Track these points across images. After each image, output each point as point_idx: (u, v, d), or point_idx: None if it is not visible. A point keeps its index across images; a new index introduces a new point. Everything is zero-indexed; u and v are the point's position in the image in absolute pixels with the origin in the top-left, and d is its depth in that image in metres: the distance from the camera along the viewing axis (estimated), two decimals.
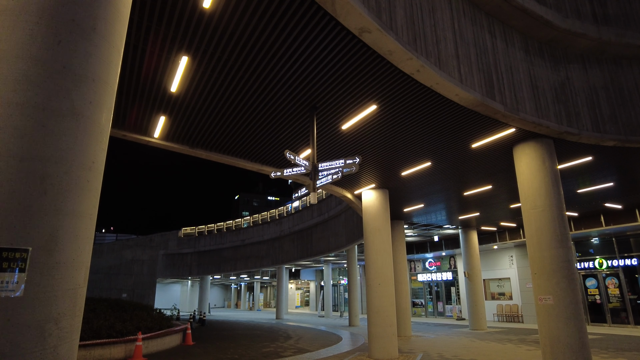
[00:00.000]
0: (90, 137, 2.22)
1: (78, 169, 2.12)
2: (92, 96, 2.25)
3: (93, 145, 2.25)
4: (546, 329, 7.29)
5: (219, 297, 59.11)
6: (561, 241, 7.52)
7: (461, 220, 17.09)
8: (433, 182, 11.23)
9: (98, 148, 2.29)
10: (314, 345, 13.37)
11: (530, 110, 7.52)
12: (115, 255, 32.38)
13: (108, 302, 12.53)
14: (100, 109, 2.31)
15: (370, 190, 11.55)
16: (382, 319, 10.49)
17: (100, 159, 2.33)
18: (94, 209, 2.27)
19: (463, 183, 11.36)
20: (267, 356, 10.97)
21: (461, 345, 12.64)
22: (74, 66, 2.19)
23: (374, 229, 11.18)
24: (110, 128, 2.52)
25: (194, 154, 8.61)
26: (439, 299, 26.00)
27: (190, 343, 13.29)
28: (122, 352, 10.07)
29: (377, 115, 7.33)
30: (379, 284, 10.72)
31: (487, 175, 10.71)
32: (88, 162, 2.20)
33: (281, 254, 28.26)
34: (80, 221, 2.12)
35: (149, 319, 11.88)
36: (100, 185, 2.33)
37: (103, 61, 2.37)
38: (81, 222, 2.13)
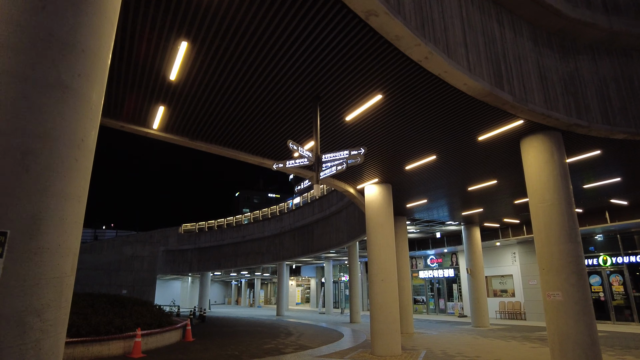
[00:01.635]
0: (79, 112, 2.03)
1: (65, 147, 1.93)
2: (81, 68, 2.06)
3: (82, 121, 2.05)
4: (555, 326, 7.11)
5: (219, 293, 59.05)
6: (570, 236, 7.33)
7: (464, 216, 16.90)
8: (437, 176, 11.03)
9: (88, 125, 2.10)
10: (315, 341, 13.21)
11: (539, 102, 7.31)
12: (115, 251, 32.23)
13: (107, 298, 12.36)
14: (90, 83, 2.11)
15: (373, 185, 11.35)
16: (385, 315, 10.32)
17: (91, 137, 2.14)
18: (84, 191, 2.08)
19: (468, 178, 11.16)
20: (268, 353, 10.81)
21: (464, 343, 12.48)
22: (61, 34, 1.99)
23: (376, 224, 10.99)
24: (102, 104, 2.32)
25: (194, 146, 8.42)
26: (440, 296, 25.85)
27: (190, 339, 13.13)
28: (121, 348, 9.91)
29: (383, 106, 7.13)
30: (382, 280, 10.54)
31: (493, 169, 10.51)
32: (76, 139, 2.01)
33: (282, 251, 28.10)
34: (68, 203, 1.93)
35: (149, 315, 11.71)
36: (90, 166, 2.14)
37: (94, 32, 2.17)
38: (68, 204, 1.93)
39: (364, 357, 10.06)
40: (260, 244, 30.13)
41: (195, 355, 10.36)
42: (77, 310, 10.27)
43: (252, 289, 49.23)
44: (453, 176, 11.05)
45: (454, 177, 11.10)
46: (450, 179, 11.34)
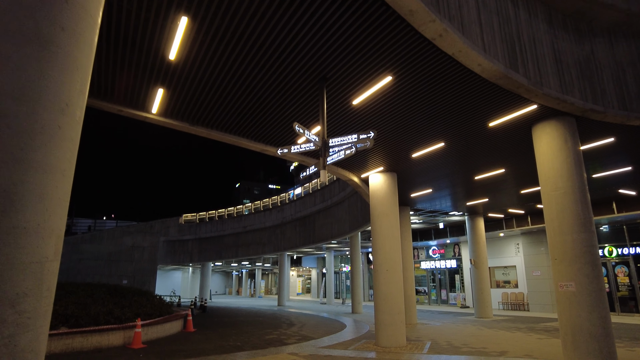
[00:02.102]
0: (62, 72, 1.75)
1: (45, 111, 1.66)
2: (65, 21, 1.77)
3: (67, 83, 1.78)
4: (567, 317, 6.89)
5: (220, 284, 59.14)
6: (584, 225, 7.08)
7: (468, 206, 16.66)
8: (444, 165, 10.76)
9: (74, 88, 1.83)
10: (317, 332, 13.06)
11: (554, 86, 7.01)
12: (115, 241, 32.08)
13: (107, 288, 12.16)
14: (76, 39, 1.83)
15: (378, 174, 11.08)
16: (390, 306, 10.13)
17: (78, 103, 1.86)
18: (69, 164, 1.81)
19: (475, 166, 10.89)
20: (270, 343, 10.64)
21: (469, 333, 12.31)
22: None
23: (381, 214, 10.75)
24: (91, 68, 2.04)
25: (195, 132, 8.13)
26: (442, 286, 25.74)
27: (191, 330, 12.97)
28: (121, 338, 9.73)
29: (392, 89, 6.82)
30: (387, 270, 10.33)
31: (501, 157, 10.23)
32: (60, 103, 1.73)
33: (283, 241, 27.94)
34: (49, 177, 1.66)
35: (149, 305, 11.52)
36: (77, 137, 1.87)
37: None
38: (50, 177, 1.67)
39: (368, 348, 9.89)
40: (261, 235, 29.96)
41: (196, 346, 10.19)
42: (76, 300, 10.08)
43: (253, 279, 49.25)
44: (460, 164, 10.77)
45: (461, 165, 10.83)
46: (457, 168, 11.07)
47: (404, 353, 9.16)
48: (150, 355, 8.72)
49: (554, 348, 9.52)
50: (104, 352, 8.97)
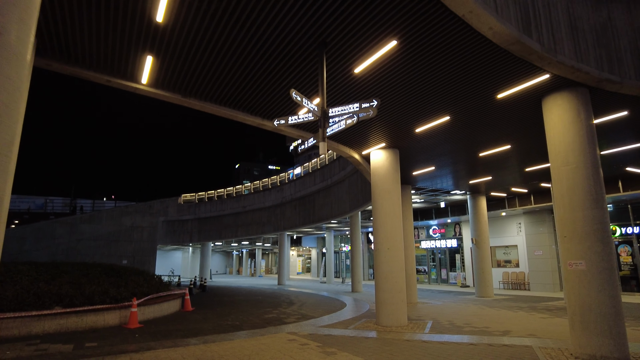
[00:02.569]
0: None
1: None
2: None
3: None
4: (576, 297, 6.64)
5: (220, 263, 59.47)
6: (596, 201, 6.76)
7: (471, 185, 16.34)
8: (448, 140, 10.37)
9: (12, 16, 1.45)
10: (317, 311, 12.93)
11: (569, 53, 6.57)
12: (114, 222, 31.94)
13: (102, 267, 11.94)
14: None
15: (379, 150, 10.71)
16: (391, 284, 9.92)
17: (22, 34, 1.48)
18: None
19: (480, 142, 10.51)
20: (269, 322, 10.49)
21: (471, 313, 12.18)
22: None
23: (383, 191, 10.43)
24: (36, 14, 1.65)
25: (187, 104, 7.72)
26: (442, 266, 25.69)
27: (189, 309, 12.84)
28: (117, 318, 9.55)
29: (397, 56, 6.38)
30: (388, 249, 10.08)
31: (507, 133, 9.84)
32: None
33: (283, 221, 27.77)
34: None
35: (146, 284, 11.32)
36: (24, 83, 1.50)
37: None
38: None
39: (369, 327, 9.73)
40: (261, 215, 29.79)
41: (194, 325, 10.03)
42: (70, 280, 9.86)
43: (254, 259, 49.44)
44: (465, 140, 10.39)
45: (466, 141, 10.45)
46: (462, 144, 10.69)
47: (405, 332, 8.99)
48: (145, 335, 8.54)
49: (558, 327, 9.36)
50: (99, 332, 8.79)
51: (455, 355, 6.76)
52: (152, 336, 8.48)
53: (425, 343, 7.80)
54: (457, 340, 8.07)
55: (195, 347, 7.36)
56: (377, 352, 6.96)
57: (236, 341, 7.96)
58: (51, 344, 7.61)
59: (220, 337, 8.43)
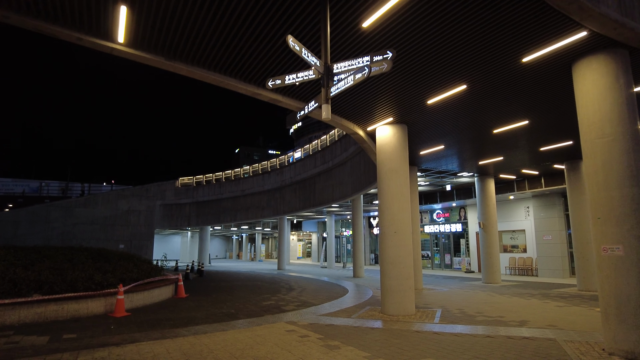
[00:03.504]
0: None
1: None
2: None
3: None
4: (611, 286, 5.88)
5: (220, 248, 59.09)
6: (636, 178, 5.94)
7: (480, 166, 15.50)
8: (462, 114, 9.49)
9: None
10: (318, 297, 12.26)
11: (612, 5, 5.66)
12: (110, 205, 31.23)
13: (89, 252, 11.19)
14: None
15: (386, 126, 9.85)
16: (398, 270, 9.18)
17: None
18: None
19: (496, 116, 9.63)
20: (267, 310, 9.80)
21: (480, 300, 11.49)
22: None
23: (389, 171, 9.61)
24: None
25: (173, 69, 6.83)
26: (446, 251, 25.04)
27: (182, 296, 12.15)
28: (102, 306, 8.84)
29: (411, 6, 5.47)
30: (395, 232, 9.31)
31: (527, 105, 8.95)
32: None
33: (282, 205, 27.04)
34: None
35: (136, 270, 10.60)
36: None
37: None
38: None
39: (374, 316, 9.03)
40: (260, 198, 29.05)
41: (186, 313, 9.33)
42: (52, 265, 9.12)
43: (253, 243, 48.95)
44: (480, 114, 9.50)
45: (481, 115, 9.57)
46: (476, 118, 9.81)
47: (413, 322, 8.28)
48: (131, 325, 7.83)
49: (578, 317, 8.64)
50: (82, 322, 8.09)
51: (472, 349, 6.04)
52: (139, 326, 7.77)
53: (437, 335, 7.08)
54: (471, 331, 7.36)
55: (184, 340, 6.65)
56: (385, 346, 6.24)
57: (230, 332, 7.25)
58: (25, 335, 6.90)
59: (213, 327, 7.72)
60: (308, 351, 5.93)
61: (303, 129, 50.64)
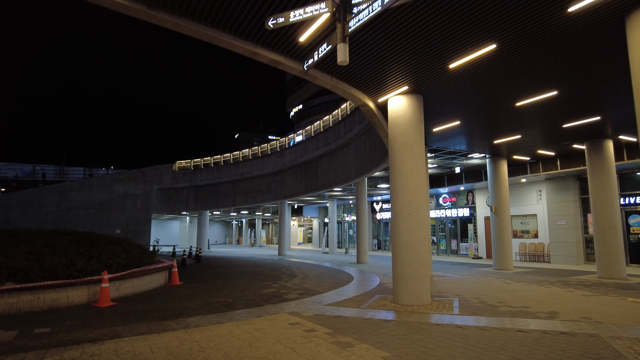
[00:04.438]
0: None
1: None
2: None
3: None
4: None
5: (219, 233, 58.45)
6: None
7: (495, 145, 14.51)
8: (486, 82, 8.48)
9: None
10: (322, 285, 11.42)
11: None
12: (106, 189, 30.33)
13: (73, 236, 10.28)
14: None
15: (400, 97, 8.85)
16: (413, 256, 8.30)
17: None
18: None
19: (524, 84, 8.61)
20: (267, 299, 8.96)
21: (497, 288, 10.65)
22: None
23: (403, 146, 8.64)
24: None
25: (156, 20, 5.80)
26: (452, 236, 24.23)
27: (176, 283, 11.30)
28: (84, 295, 7.98)
29: None
30: (409, 214, 8.39)
31: (560, 71, 7.94)
32: None
33: (283, 189, 26.12)
34: None
35: (124, 255, 9.71)
36: None
37: None
38: None
39: (385, 306, 8.18)
40: (260, 182, 28.11)
41: (178, 303, 8.48)
42: (29, 250, 8.22)
43: (253, 228, 48.22)
44: (505, 82, 8.49)
45: (506, 84, 8.55)
46: (500, 88, 8.79)
47: (430, 313, 7.43)
48: (115, 317, 6.97)
49: (612, 308, 7.79)
50: (60, 313, 7.23)
51: (507, 348, 5.17)
52: (124, 318, 6.91)
53: (461, 329, 6.22)
54: (497, 324, 6.50)
55: (173, 335, 5.79)
56: (406, 344, 5.37)
57: (225, 326, 6.39)
58: None
59: (207, 319, 6.86)
60: (316, 350, 5.06)
61: (304, 112, 49.40)
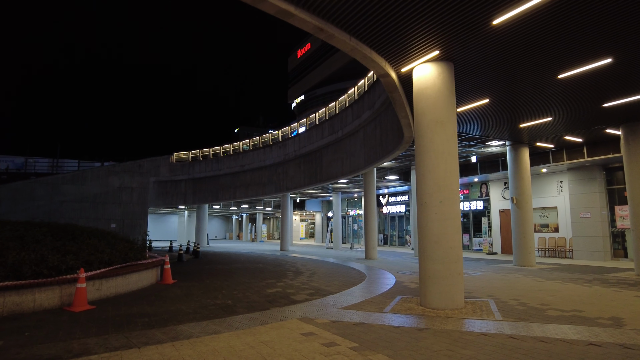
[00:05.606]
0: None
1: None
2: None
3: None
4: None
5: (219, 228, 57.28)
6: None
7: (521, 129, 13.22)
8: (529, 46, 7.18)
9: None
10: (333, 284, 10.19)
11: None
12: (100, 182, 29.07)
13: (50, 228, 8.95)
14: None
15: (429, 64, 7.56)
16: (445, 251, 7.04)
17: None
18: None
19: (575, 47, 7.30)
20: (273, 301, 7.72)
21: (530, 287, 9.43)
22: None
23: (433, 122, 7.36)
24: None
25: None
26: (464, 231, 22.99)
27: (169, 282, 10.04)
28: (56, 297, 6.72)
29: None
30: (440, 202, 7.13)
31: (620, 31, 6.65)
32: None
33: (286, 181, 24.84)
34: None
35: (108, 250, 8.46)
36: None
37: None
38: None
39: (411, 309, 6.95)
40: (261, 174, 26.83)
41: (169, 306, 7.23)
42: None
43: (254, 223, 47.01)
44: (554, 46, 7.18)
45: (555, 47, 7.24)
46: (547, 53, 7.47)
47: (467, 318, 6.19)
48: (90, 325, 5.72)
49: None
50: (23, 320, 5.98)
51: None
52: (100, 326, 5.67)
53: (515, 340, 4.98)
54: (559, 334, 5.25)
55: (156, 350, 4.54)
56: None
57: (223, 336, 5.15)
58: None
59: (201, 327, 5.62)
60: None
61: (306, 103, 47.99)
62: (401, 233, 28.95)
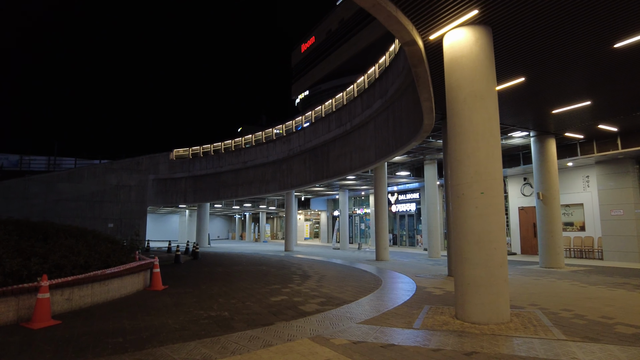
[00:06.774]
0: None
1: None
2: None
3: None
4: None
5: (222, 228, 56.10)
6: None
7: (551, 116, 11.90)
8: (588, 8, 5.88)
9: None
10: (345, 290, 8.92)
11: None
12: (97, 180, 27.94)
13: (17, 225, 7.73)
14: None
15: (463, 29, 6.28)
16: (488, 253, 5.76)
17: None
18: None
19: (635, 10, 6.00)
20: (277, 312, 6.47)
21: (575, 294, 8.13)
22: None
23: (471, 96, 6.08)
24: None
25: None
26: None
27: (159, 288, 8.78)
28: (11, 311, 5.48)
29: None
30: (482, 193, 5.85)
31: None
32: None
33: (290, 177, 23.60)
34: None
35: (86, 252, 7.24)
36: None
37: None
38: None
39: (448, 324, 5.67)
40: (264, 171, 25.61)
41: (151, 320, 5.98)
42: None
43: (257, 223, 45.78)
44: (613, 6, 5.88)
45: (614, 8, 5.94)
46: (604, 16, 6.18)
47: (519, 336, 4.91)
48: (45, 349, 4.48)
49: None
50: None
51: None
52: (57, 350, 4.43)
53: None
54: None
55: None
56: None
57: None
58: None
59: (187, 350, 4.37)
60: None
61: (310, 98, 46.66)
62: (411, 233, 27.63)
